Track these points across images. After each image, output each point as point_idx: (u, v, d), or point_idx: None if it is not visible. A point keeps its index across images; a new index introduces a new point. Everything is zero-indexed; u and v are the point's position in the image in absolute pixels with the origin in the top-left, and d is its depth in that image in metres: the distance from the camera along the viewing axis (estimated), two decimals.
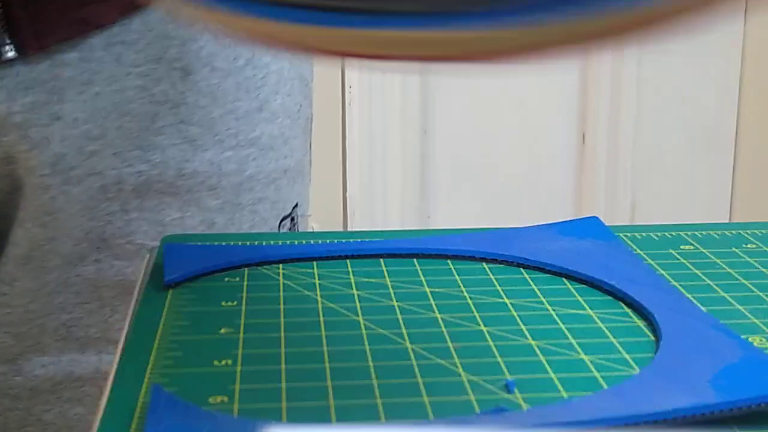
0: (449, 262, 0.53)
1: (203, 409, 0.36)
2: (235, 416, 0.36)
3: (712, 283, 0.50)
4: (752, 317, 0.46)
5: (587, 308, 0.47)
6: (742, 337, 0.42)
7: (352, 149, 1.42)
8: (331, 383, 0.39)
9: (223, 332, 0.44)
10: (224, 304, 0.47)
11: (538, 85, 1.50)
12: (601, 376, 0.40)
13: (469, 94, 1.47)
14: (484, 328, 0.45)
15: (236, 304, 0.47)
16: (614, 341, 0.43)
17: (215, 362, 0.41)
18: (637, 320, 0.45)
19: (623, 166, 1.56)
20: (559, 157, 1.54)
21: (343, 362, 0.41)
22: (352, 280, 0.50)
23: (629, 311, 0.46)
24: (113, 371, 0.40)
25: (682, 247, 0.56)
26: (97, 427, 0.36)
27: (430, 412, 0.37)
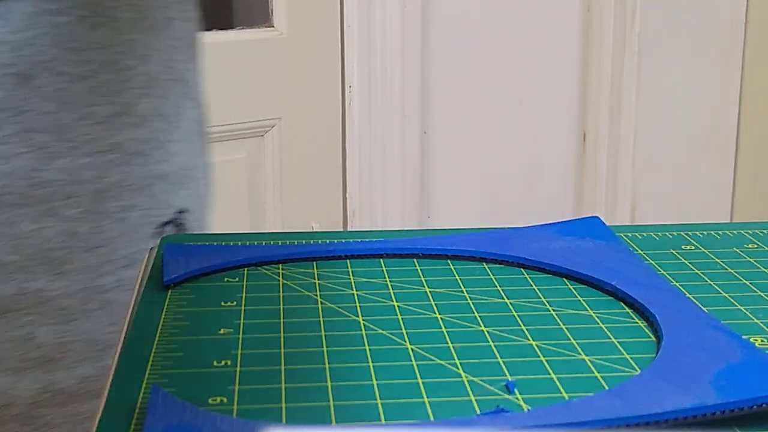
0: (449, 262, 0.53)
1: (202, 409, 0.36)
2: (234, 417, 0.36)
3: (713, 283, 0.50)
4: (753, 317, 0.46)
5: (588, 308, 0.47)
6: (743, 337, 0.42)
7: (352, 149, 1.42)
8: (330, 384, 0.39)
9: (222, 333, 0.44)
10: (224, 304, 0.47)
11: (538, 85, 1.50)
12: (601, 376, 0.40)
13: (469, 94, 1.47)
14: (484, 328, 0.44)
15: (236, 304, 0.47)
16: (615, 342, 0.43)
17: (214, 363, 0.41)
18: (637, 320, 0.45)
19: (624, 165, 1.55)
20: (559, 157, 1.54)
21: (342, 362, 0.41)
22: (352, 280, 0.50)
23: (630, 311, 0.46)
24: (112, 371, 0.40)
25: (682, 247, 0.56)
26: (95, 428, 0.36)
27: (430, 412, 0.37)
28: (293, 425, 0.36)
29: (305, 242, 0.55)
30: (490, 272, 0.51)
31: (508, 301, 0.48)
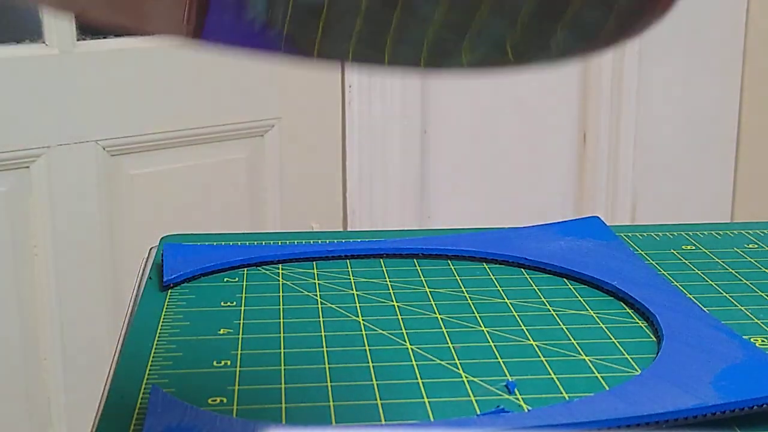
0: (449, 262, 0.53)
1: (202, 410, 0.36)
2: (234, 417, 0.36)
3: (713, 283, 0.50)
4: (753, 317, 0.46)
5: (588, 309, 0.47)
6: (743, 337, 0.42)
7: (352, 149, 1.42)
8: (330, 384, 0.39)
9: (222, 333, 0.44)
10: (223, 304, 0.47)
11: (538, 85, 1.50)
12: (602, 376, 0.40)
13: (469, 94, 1.47)
14: (484, 328, 0.44)
15: (235, 304, 0.47)
16: (615, 342, 0.43)
17: (214, 363, 0.41)
18: (638, 321, 0.45)
19: (624, 165, 1.55)
20: (559, 157, 1.54)
21: (342, 363, 0.41)
22: (352, 280, 0.50)
23: (630, 312, 0.46)
24: (112, 372, 0.40)
25: (683, 247, 0.56)
26: (95, 428, 0.36)
27: (430, 412, 0.37)
28: (293, 425, 0.36)
29: (305, 242, 0.55)
30: (490, 272, 0.51)
31: (508, 301, 0.47)
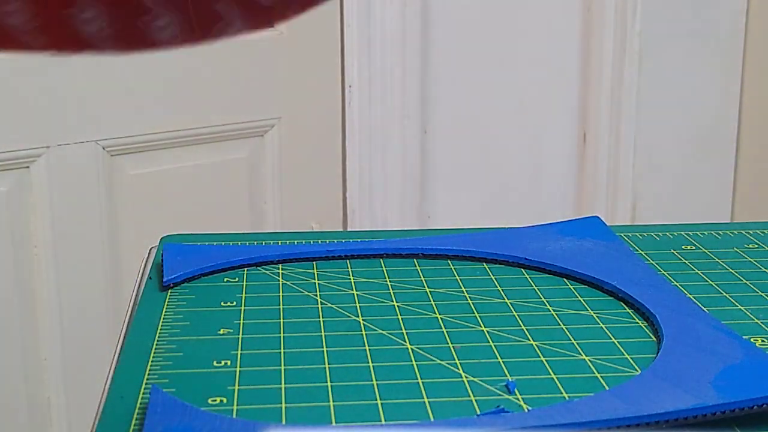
0: (449, 262, 0.53)
1: (202, 410, 0.36)
2: (234, 417, 0.36)
3: (713, 283, 0.50)
4: (754, 317, 0.46)
5: (588, 309, 0.47)
6: (743, 337, 0.42)
7: (352, 149, 1.42)
8: (330, 384, 0.39)
9: (222, 333, 0.44)
10: (223, 304, 0.47)
11: (538, 85, 1.50)
12: (602, 377, 0.40)
13: (469, 94, 1.47)
14: (484, 328, 0.44)
15: (235, 304, 0.47)
16: (615, 342, 0.43)
17: (214, 363, 0.41)
18: (638, 321, 0.45)
19: (624, 165, 1.55)
20: (559, 157, 1.54)
21: (342, 363, 0.41)
22: (352, 280, 0.50)
23: (630, 312, 0.46)
24: (111, 372, 0.40)
25: (683, 247, 0.55)
26: (95, 428, 0.36)
27: (430, 412, 0.37)
28: (293, 425, 0.36)
29: (305, 242, 0.55)
30: (490, 272, 0.51)
31: (508, 301, 0.47)
